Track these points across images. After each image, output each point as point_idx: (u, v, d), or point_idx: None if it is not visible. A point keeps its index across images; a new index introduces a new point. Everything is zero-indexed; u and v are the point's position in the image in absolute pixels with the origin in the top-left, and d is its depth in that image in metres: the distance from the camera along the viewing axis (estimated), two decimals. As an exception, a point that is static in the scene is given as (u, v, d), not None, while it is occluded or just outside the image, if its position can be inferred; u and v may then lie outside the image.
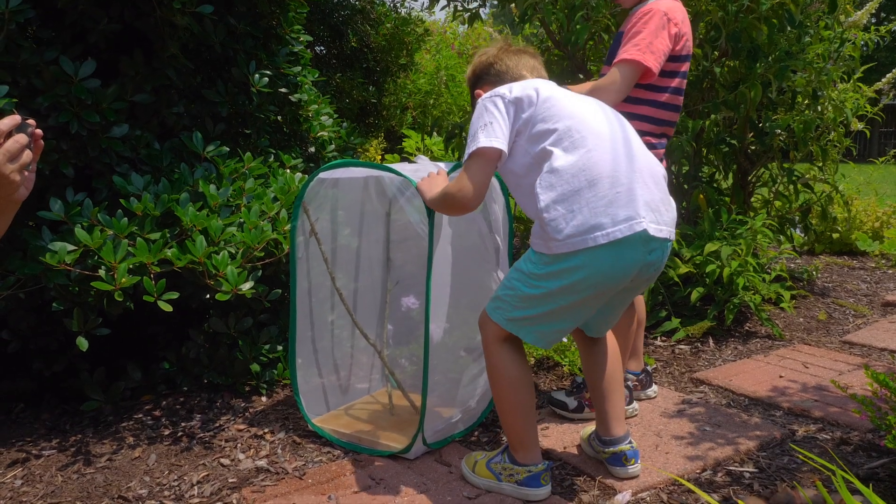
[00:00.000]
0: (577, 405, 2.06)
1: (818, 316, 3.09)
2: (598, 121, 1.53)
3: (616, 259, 1.45)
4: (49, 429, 2.04)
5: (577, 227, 1.43)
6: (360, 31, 5.03)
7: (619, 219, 1.43)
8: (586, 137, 1.49)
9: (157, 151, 2.21)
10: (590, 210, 1.43)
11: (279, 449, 1.90)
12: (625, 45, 1.85)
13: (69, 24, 2.10)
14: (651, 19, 1.82)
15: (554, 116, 1.51)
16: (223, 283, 1.88)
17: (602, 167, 1.46)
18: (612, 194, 1.45)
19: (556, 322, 1.56)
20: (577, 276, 1.47)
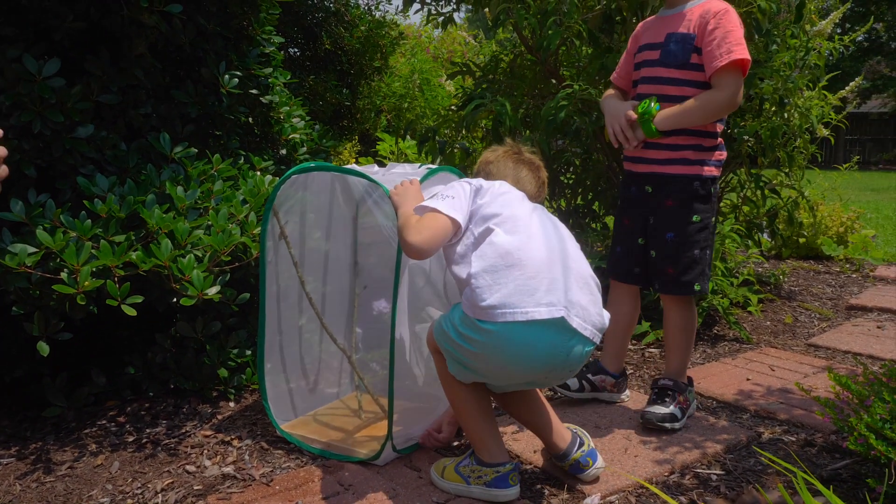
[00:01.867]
0: (680, 413, 1.98)
1: (784, 319, 3.14)
2: (540, 223, 1.63)
3: (532, 340, 1.48)
4: (8, 436, 1.99)
5: (500, 299, 1.47)
6: (335, 34, 5.00)
7: (541, 302, 1.48)
8: (529, 227, 1.59)
9: (124, 152, 2.17)
10: (515, 287, 1.48)
11: (246, 455, 1.87)
12: (718, 45, 1.83)
13: (33, 21, 2.05)
14: (731, 15, 1.85)
15: (504, 205, 1.63)
16: (189, 287, 1.85)
17: (535, 255, 1.53)
18: (539, 280, 1.50)
19: (474, 372, 1.59)
20: (489, 349, 1.50)
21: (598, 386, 2.18)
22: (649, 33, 2.05)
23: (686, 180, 1.95)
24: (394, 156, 5.72)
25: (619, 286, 2.16)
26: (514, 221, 1.59)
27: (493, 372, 1.57)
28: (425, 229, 1.56)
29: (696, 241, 1.97)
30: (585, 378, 2.17)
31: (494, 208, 1.61)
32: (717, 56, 1.84)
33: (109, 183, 1.99)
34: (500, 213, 1.60)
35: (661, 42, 1.98)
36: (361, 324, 2.26)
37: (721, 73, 1.85)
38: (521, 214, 1.61)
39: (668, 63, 1.94)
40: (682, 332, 2.04)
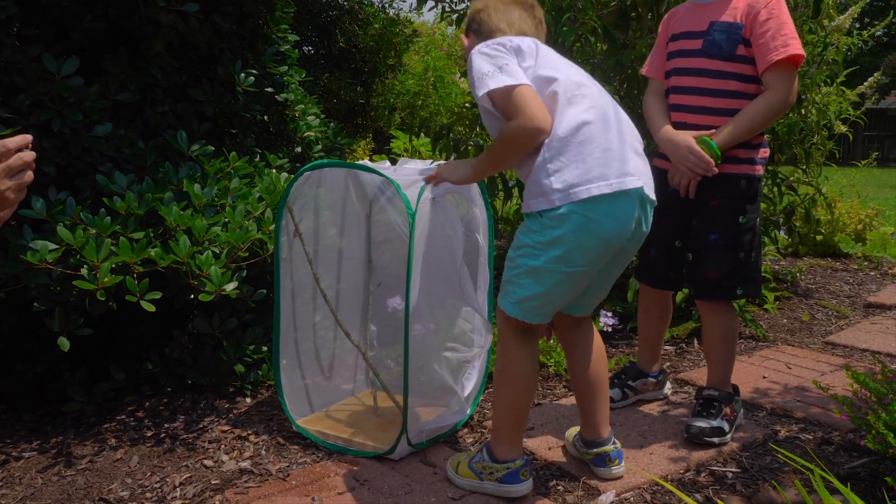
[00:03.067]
0: (728, 426, 1.88)
1: (801, 317, 3.12)
2: (590, 84, 1.56)
3: (615, 212, 1.47)
4: (30, 430, 2.02)
5: (579, 176, 1.45)
6: (349, 32, 5.02)
7: (614, 174, 1.46)
8: (585, 96, 1.51)
9: (141, 150, 2.19)
10: (586, 163, 1.46)
11: (263, 450, 1.89)
12: (773, 38, 1.71)
13: (52, 21, 2.08)
14: (783, 4, 1.73)
15: (555, 68, 1.53)
16: (207, 283, 1.87)
17: (597, 126, 1.49)
18: (606, 152, 1.47)
19: (559, 295, 1.55)
20: (578, 232, 1.46)
21: (640, 390, 2.15)
22: (686, 20, 1.90)
23: (734, 179, 1.83)
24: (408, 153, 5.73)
25: (651, 292, 2.09)
26: (570, 88, 1.50)
27: (581, 269, 1.50)
28: (527, 107, 1.44)
29: (741, 243, 1.86)
30: (627, 386, 2.14)
31: (548, 71, 1.51)
32: (773, 49, 1.71)
33: (128, 181, 2.02)
34: (556, 79, 1.50)
35: (702, 31, 1.83)
36: (376, 321, 2.27)
37: (776, 68, 1.72)
38: (572, 76, 1.52)
39: (711, 54, 1.81)
40: (723, 341, 1.92)
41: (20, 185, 1.30)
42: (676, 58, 1.92)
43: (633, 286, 2.80)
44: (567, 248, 1.47)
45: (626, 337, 2.84)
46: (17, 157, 1.29)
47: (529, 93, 1.46)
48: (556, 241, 1.48)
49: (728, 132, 1.78)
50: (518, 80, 1.46)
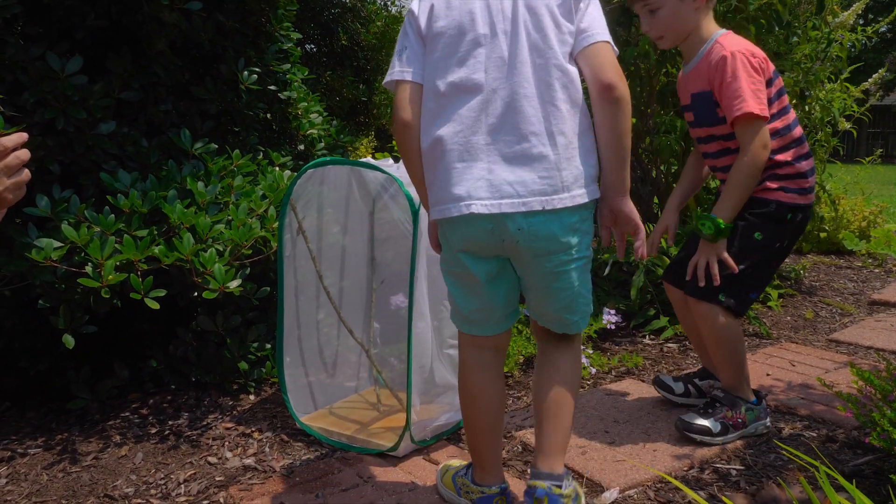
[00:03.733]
0: (721, 428, 1.85)
1: (805, 314, 3.11)
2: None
3: (451, 231, 1.42)
4: (35, 427, 2.03)
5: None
6: (351, 30, 5.02)
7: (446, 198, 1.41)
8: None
9: (145, 149, 2.20)
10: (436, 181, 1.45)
11: (267, 447, 1.89)
12: (729, 102, 1.75)
13: (56, 20, 2.08)
14: (730, 61, 1.74)
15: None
16: (210, 280, 1.87)
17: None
18: (447, 172, 1.42)
19: (461, 298, 1.46)
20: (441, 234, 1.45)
21: (705, 391, 2.08)
22: (681, 93, 1.97)
23: (765, 202, 1.82)
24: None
25: (676, 291, 2.03)
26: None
27: (457, 272, 1.45)
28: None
29: (747, 256, 1.82)
30: (692, 383, 2.09)
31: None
32: (733, 109, 1.74)
33: (132, 178, 2.02)
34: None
35: (689, 104, 1.91)
36: (379, 318, 2.27)
37: (739, 127, 1.76)
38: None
39: (702, 123, 1.88)
40: (717, 346, 1.88)
41: (17, 183, 1.30)
42: (691, 128, 1.98)
43: (636, 283, 2.80)
44: (444, 250, 1.45)
45: (629, 334, 2.84)
46: (14, 156, 1.29)
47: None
48: (443, 242, 1.46)
49: (725, 204, 1.80)
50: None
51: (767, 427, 1.93)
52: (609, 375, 2.43)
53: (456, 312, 1.51)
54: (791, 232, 1.87)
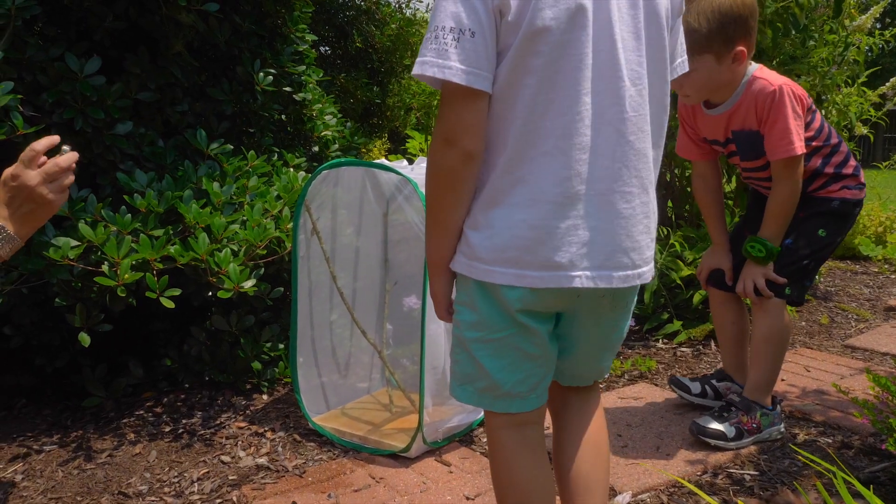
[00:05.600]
0: (735, 432, 1.85)
1: (820, 320, 3.09)
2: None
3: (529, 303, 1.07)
4: (50, 424, 2.05)
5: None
6: (366, 32, 5.04)
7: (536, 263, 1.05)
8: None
9: (161, 149, 2.21)
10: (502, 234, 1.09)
11: (279, 447, 1.90)
12: (779, 140, 1.75)
13: (74, 21, 2.11)
14: (784, 100, 1.74)
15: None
16: (225, 280, 1.88)
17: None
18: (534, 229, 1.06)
19: (509, 372, 1.09)
20: (486, 302, 1.08)
21: (722, 394, 2.06)
22: (708, 128, 1.92)
23: (826, 200, 1.87)
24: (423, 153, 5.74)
25: (718, 294, 2.03)
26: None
27: (501, 338, 1.10)
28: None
29: (812, 252, 1.87)
30: (709, 384, 2.07)
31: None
32: (779, 149, 1.76)
33: (148, 178, 2.04)
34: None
35: (729, 138, 1.88)
36: (392, 320, 2.28)
37: (778, 164, 1.78)
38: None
39: (750, 157, 1.88)
40: (768, 341, 1.87)
41: (61, 187, 1.33)
42: (730, 157, 1.96)
43: (649, 287, 2.79)
44: (479, 311, 1.07)
45: (642, 338, 2.83)
46: (53, 164, 1.32)
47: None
48: (468, 300, 1.09)
49: (772, 230, 1.84)
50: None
51: (782, 432, 1.91)
52: (622, 379, 2.42)
53: (488, 390, 1.11)
54: (851, 225, 1.93)
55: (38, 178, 1.33)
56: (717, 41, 1.69)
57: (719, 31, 1.68)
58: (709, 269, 2.03)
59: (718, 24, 1.67)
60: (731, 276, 1.98)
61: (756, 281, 1.85)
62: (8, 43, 1.89)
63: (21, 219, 1.33)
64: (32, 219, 1.35)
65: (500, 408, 1.12)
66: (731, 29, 1.69)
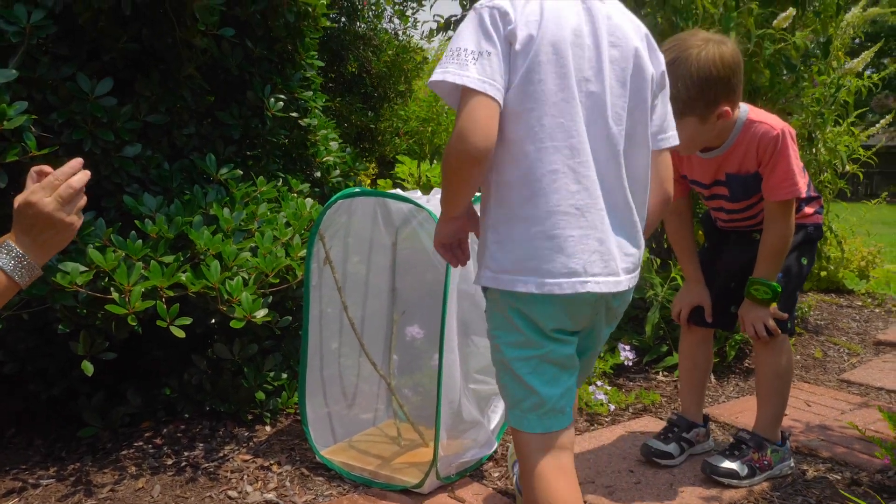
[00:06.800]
0: (748, 471, 1.85)
1: (814, 354, 3.13)
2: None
3: (549, 311, 1.20)
4: (44, 456, 1.97)
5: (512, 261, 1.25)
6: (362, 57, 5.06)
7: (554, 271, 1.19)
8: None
9: (167, 172, 2.18)
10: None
11: (287, 481, 1.85)
12: (782, 181, 1.75)
13: (88, 41, 2.08)
14: (787, 142, 1.75)
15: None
16: (237, 309, 1.84)
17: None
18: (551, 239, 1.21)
19: (553, 385, 1.21)
20: (522, 319, 1.22)
21: (693, 442, 2.04)
22: (697, 170, 1.92)
23: (804, 227, 1.91)
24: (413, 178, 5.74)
25: (697, 333, 2.05)
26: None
27: (545, 353, 1.23)
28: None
29: (799, 283, 1.93)
30: (682, 439, 2.01)
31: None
32: (781, 190, 1.76)
33: (157, 203, 2.00)
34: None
35: (719, 181, 1.88)
36: (397, 350, 2.25)
37: (777, 204, 1.79)
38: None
39: (740, 198, 1.89)
40: (776, 378, 1.90)
41: (77, 210, 1.30)
42: (712, 200, 1.97)
43: (650, 320, 2.80)
44: (519, 329, 1.20)
45: (642, 370, 2.84)
46: (67, 186, 1.28)
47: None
48: (505, 323, 1.21)
49: (770, 270, 1.83)
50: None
51: (792, 468, 1.92)
52: (626, 412, 2.41)
53: (535, 408, 1.20)
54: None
55: (54, 204, 1.29)
56: (699, 105, 1.66)
57: (700, 97, 1.65)
58: (690, 306, 2.01)
59: (698, 91, 1.64)
60: (710, 313, 1.99)
61: (766, 322, 1.84)
62: (20, 61, 1.85)
63: (41, 246, 1.29)
64: (52, 245, 1.31)
65: (543, 427, 1.21)
66: (713, 93, 1.65)
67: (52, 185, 1.28)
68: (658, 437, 1.98)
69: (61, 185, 1.29)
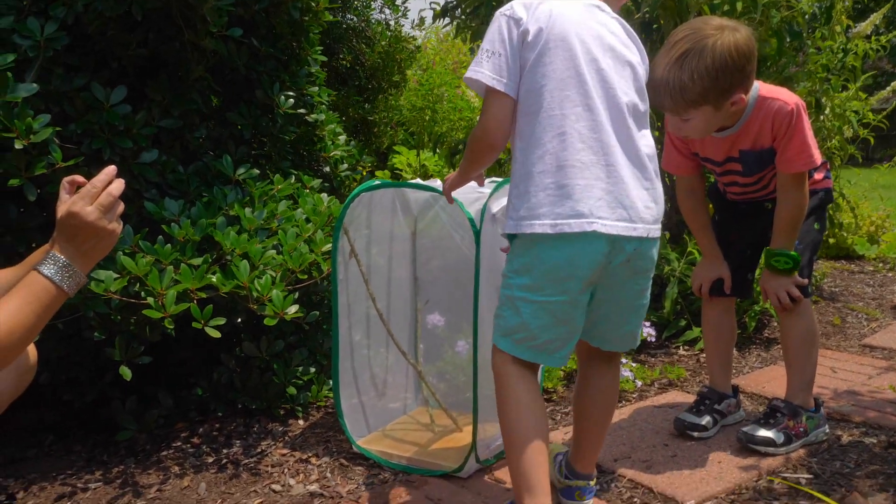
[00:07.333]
0: (784, 438, 1.87)
1: (833, 320, 3.15)
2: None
3: (568, 251, 1.37)
4: (86, 460, 1.99)
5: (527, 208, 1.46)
6: (355, 49, 5.04)
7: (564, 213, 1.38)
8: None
9: (183, 176, 2.19)
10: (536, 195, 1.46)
11: (328, 472, 1.88)
12: (798, 154, 1.77)
13: (98, 50, 2.08)
14: (802, 116, 1.76)
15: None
16: (268, 307, 1.86)
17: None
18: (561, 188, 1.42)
19: (539, 329, 1.40)
20: (540, 260, 1.39)
21: (725, 413, 2.06)
22: (708, 149, 1.92)
23: (815, 193, 1.92)
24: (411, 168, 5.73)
25: (720, 304, 2.07)
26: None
27: (547, 301, 1.40)
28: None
29: (814, 248, 1.96)
30: (714, 411, 2.02)
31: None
32: (797, 163, 1.78)
33: (180, 207, 2.01)
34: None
35: (732, 157, 1.89)
36: (422, 338, 2.27)
37: (793, 175, 1.80)
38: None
39: (754, 172, 1.90)
40: (804, 343, 1.93)
41: (117, 216, 1.32)
42: (725, 175, 1.98)
43: (669, 295, 2.82)
44: (533, 276, 1.38)
45: (662, 346, 2.86)
46: (107, 194, 1.30)
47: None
48: (523, 268, 1.40)
49: (788, 240, 1.86)
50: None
51: (827, 434, 1.94)
52: (652, 388, 2.44)
53: (524, 340, 1.41)
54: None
55: (96, 213, 1.31)
56: (713, 94, 1.65)
57: (713, 86, 1.64)
58: (710, 281, 2.04)
59: (713, 81, 1.63)
60: (729, 284, 2.02)
61: (789, 291, 1.88)
62: (36, 75, 1.85)
63: (85, 255, 1.31)
64: (96, 253, 1.33)
65: (530, 357, 1.43)
66: (727, 81, 1.65)
67: (91, 195, 1.30)
68: (690, 411, 2.00)
69: (100, 193, 1.30)
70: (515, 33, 1.39)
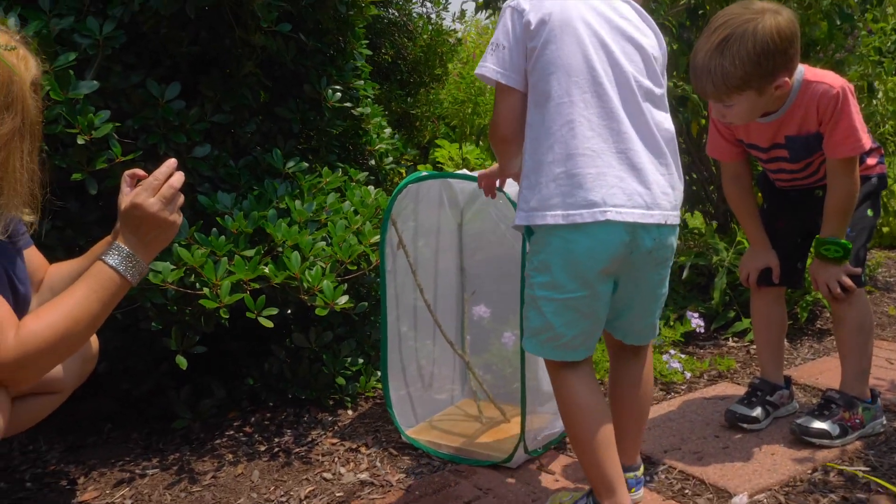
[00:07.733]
0: (840, 430, 1.84)
1: (888, 311, 3.06)
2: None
3: (584, 241, 1.36)
4: (144, 448, 2.06)
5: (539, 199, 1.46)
6: (398, 43, 5.06)
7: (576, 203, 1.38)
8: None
9: (235, 170, 2.23)
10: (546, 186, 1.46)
11: (377, 462, 1.91)
12: (846, 138, 1.72)
13: (152, 48, 2.13)
14: (849, 99, 1.72)
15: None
16: (318, 297, 1.89)
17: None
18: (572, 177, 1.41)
19: (564, 326, 1.39)
20: (558, 255, 1.38)
21: (778, 404, 2.01)
22: (754, 134, 1.88)
23: (867, 178, 1.87)
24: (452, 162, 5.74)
25: (769, 293, 2.03)
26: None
27: (568, 299, 1.40)
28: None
29: (868, 236, 1.91)
30: (766, 402, 1.98)
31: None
32: (846, 147, 1.73)
33: (232, 200, 2.05)
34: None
35: (778, 144, 1.85)
36: (469, 330, 2.28)
37: (842, 161, 1.76)
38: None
39: (801, 158, 1.86)
40: (858, 333, 1.88)
41: (178, 208, 1.36)
42: (770, 162, 1.95)
43: (718, 286, 2.78)
44: (552, 273, 1.37)
45: (711, 337, 2.82)
46: (168, 186, 1.34)
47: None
48: (542, 265, 1.39)
49: (839, 228, 1.81)
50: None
51: (884, 426, 1.90)
52: (702, 380, 2.41)
53: (549, 341, 1.42)
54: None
55: (158, 204, 1.36)
56: (756, 79, 1.63)
57: (756, 71, 1.61)
58: (758, 270, 2.00)
59: (755, 66, 1.61)
60: (778, 273, 1.97)
61: (841, 280, 1.83)
62: (96, 73, 1.91)
63: (147, 245, 1.35)
64: (158, 243, 1.37)
65: (558, 356, 1.44)
66: (770, 65, 1.62)
67: (153, 187, 1.34)
68: (742, 402, 1.97)
69: (161, 185, 1.34)
70: (518, 24, 1.37)
